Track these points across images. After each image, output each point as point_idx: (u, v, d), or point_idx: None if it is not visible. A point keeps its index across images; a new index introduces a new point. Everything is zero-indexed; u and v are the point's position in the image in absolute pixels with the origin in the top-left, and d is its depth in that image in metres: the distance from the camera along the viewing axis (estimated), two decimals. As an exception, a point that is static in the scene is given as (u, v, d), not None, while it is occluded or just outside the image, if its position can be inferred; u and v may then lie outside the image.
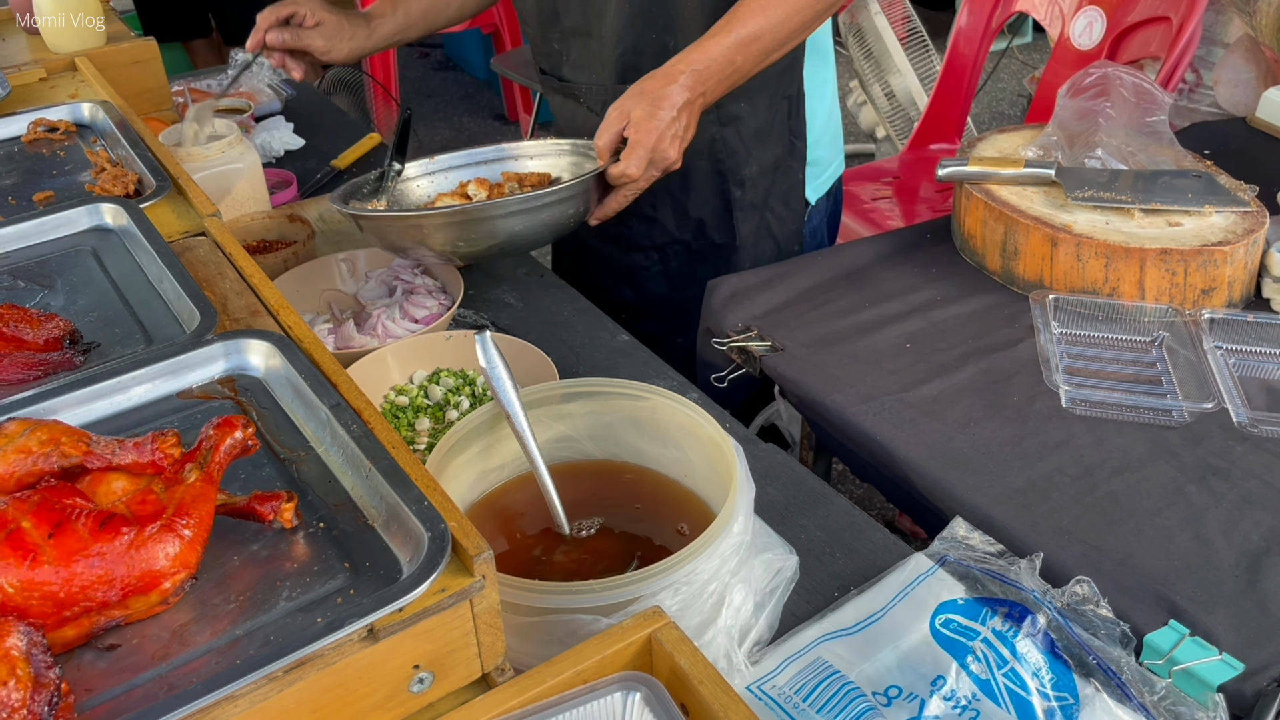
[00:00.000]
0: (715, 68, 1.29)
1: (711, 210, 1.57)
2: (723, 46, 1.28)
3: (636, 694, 0.67)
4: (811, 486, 1.12)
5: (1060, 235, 1.35)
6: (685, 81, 1.27)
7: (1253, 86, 2.21)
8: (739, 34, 1.28)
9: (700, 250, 1.60)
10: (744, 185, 1.55)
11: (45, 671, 0.58)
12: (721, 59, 1.29)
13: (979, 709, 0.84)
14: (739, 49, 1.29)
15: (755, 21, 1.29)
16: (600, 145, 1.29)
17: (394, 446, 0.76)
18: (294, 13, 1.53)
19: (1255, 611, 0.94)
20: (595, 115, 1.51)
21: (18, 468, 0.69)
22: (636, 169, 1.27)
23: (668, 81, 1.27)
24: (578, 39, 1.50)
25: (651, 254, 1.63)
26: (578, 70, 1.53)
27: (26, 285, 1.01)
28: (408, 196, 1.49)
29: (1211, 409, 1.16)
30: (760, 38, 1.30)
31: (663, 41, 1.45)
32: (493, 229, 1.24)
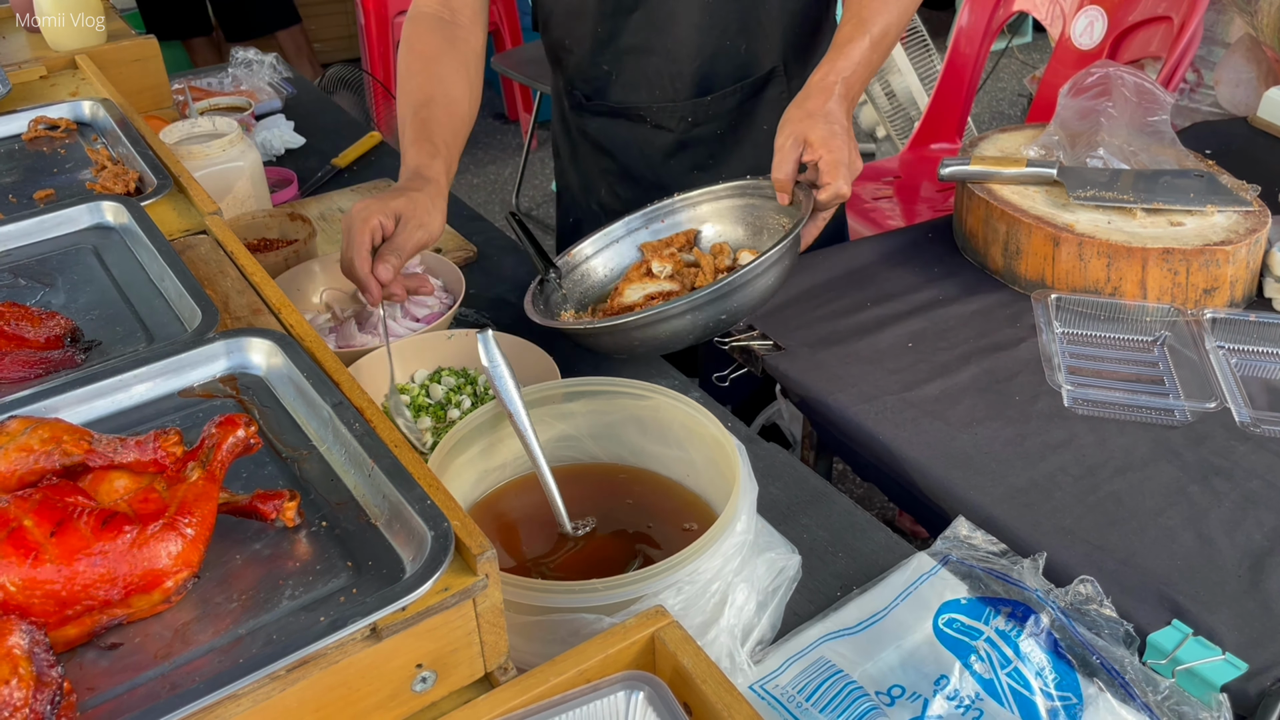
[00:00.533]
0: (860, 71, 1.28)
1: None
2: (861, 49, 1.28)
3: (640, 693, 0.67)
4: (814, 486, 1.12)
5: (1062, 235, 1.35)
6: (841, 91, 1.26)
7: (1254, 86, 2.21)
8: (872, 33, 1.28)
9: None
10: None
11: (48, 670, 0.58)
12: (862, 61, 1.28)
13: (982, 709, 0.84)
14: (873, 48, 1.29)
15: (881, 18, 1.29)
16: (782, 177, 1.26)
17: (396, 445, 0.76)
18: (369, 235, 1.19)
19: (1258, 611, 0.94)
20: (666, 132, 1.50)
21: (19, 466, 0.69)
22: (847, 186, 1.24)
23: (827, 96, 1.25)
24: (635, 57, 1.46)
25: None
26: (630, 90, 1.49)
27: (27, 283, 1.01)
28: (588, 280, 1.38)
29: (1214, 409, 1.16)
30: (889, 32, 1.30)
31: (737, 47, 1.43)
32: (725, 306, 1.16)
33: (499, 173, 4.09)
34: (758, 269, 1.15)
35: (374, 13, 3.98)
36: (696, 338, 1.19)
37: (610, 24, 1.45)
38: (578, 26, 1.48)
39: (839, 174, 1.22)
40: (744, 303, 1.17)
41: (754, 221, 1.37)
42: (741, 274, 1.14)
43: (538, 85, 3.64)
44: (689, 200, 1.39)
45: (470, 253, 1.56)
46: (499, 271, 1.54)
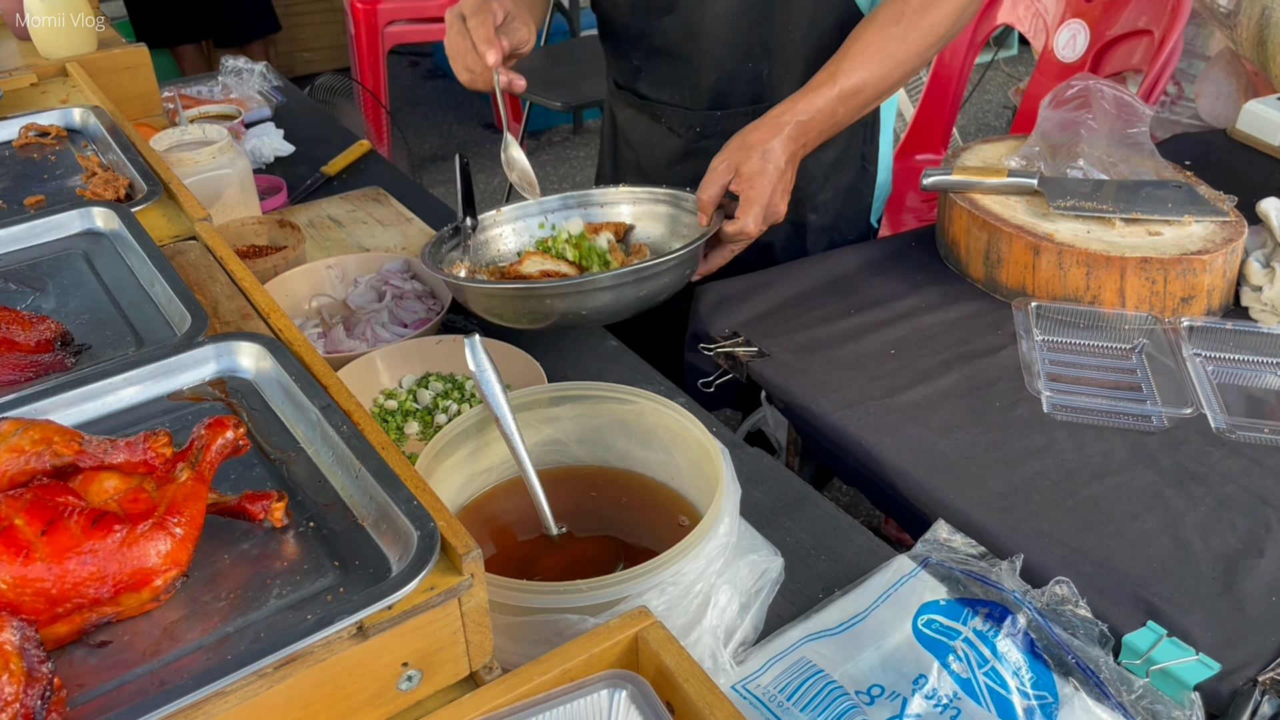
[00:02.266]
0: (819, 119, 1.27)
1: (784, 234, 1.56)
2: (827, 98, 1.26)
3: (623, 692, 0.68)
4: (797, 490, 1.13)
5: (1042, 244, 1.37)
6: (790, 133, 1.25)
7: (1233, 99, 2.24)
8: (843, 86, 1.27)
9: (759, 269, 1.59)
10: (819, 210, 1.55)
11: (38, 666, 0.59)
12: (825, 110, 1.27)
13: (960, 707, 0.86)
14: (842, 101, 1.27)
15: (859, 74, 1.27)
16: (705, 199, 1.26)
17: (384, 447, 0.77)
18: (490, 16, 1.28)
19: (1231, 612, 0.96)
20: (676, 136, 1.51)
21: (10, 467, 0.69)
22: (755, 227, 1.24)
23: (774, 133, 1.24)
24: (664, 59, 1.47)
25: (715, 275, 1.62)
26: (658, 89, 1.51)
27: (18, 288, 1.01)
28: (489, 250, 1.40)
29: (1190, 415, 1.18)
30: (862, 90, 1.28)
31: (758, 71, 1.44)
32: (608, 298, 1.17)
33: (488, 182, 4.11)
34: (628, 276, 1.16)
35: (364, 23, 3.99)
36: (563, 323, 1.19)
37: (642, 22, 1.47)
38: (616, 16, 1.50)
39: (749, 212, 1.23)
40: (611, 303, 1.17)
41: (679, 231, 1.38)
42: (612, 275, 1.16)
43: (526, 95, 3.65)
44: (621, 195, 1.41)
45: (458, 260, 1.56)
46: (487, 279, 1.55)
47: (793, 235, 1.57)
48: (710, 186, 1.25)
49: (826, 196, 1.55)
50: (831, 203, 1.56)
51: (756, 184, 1.23)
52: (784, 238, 1.57)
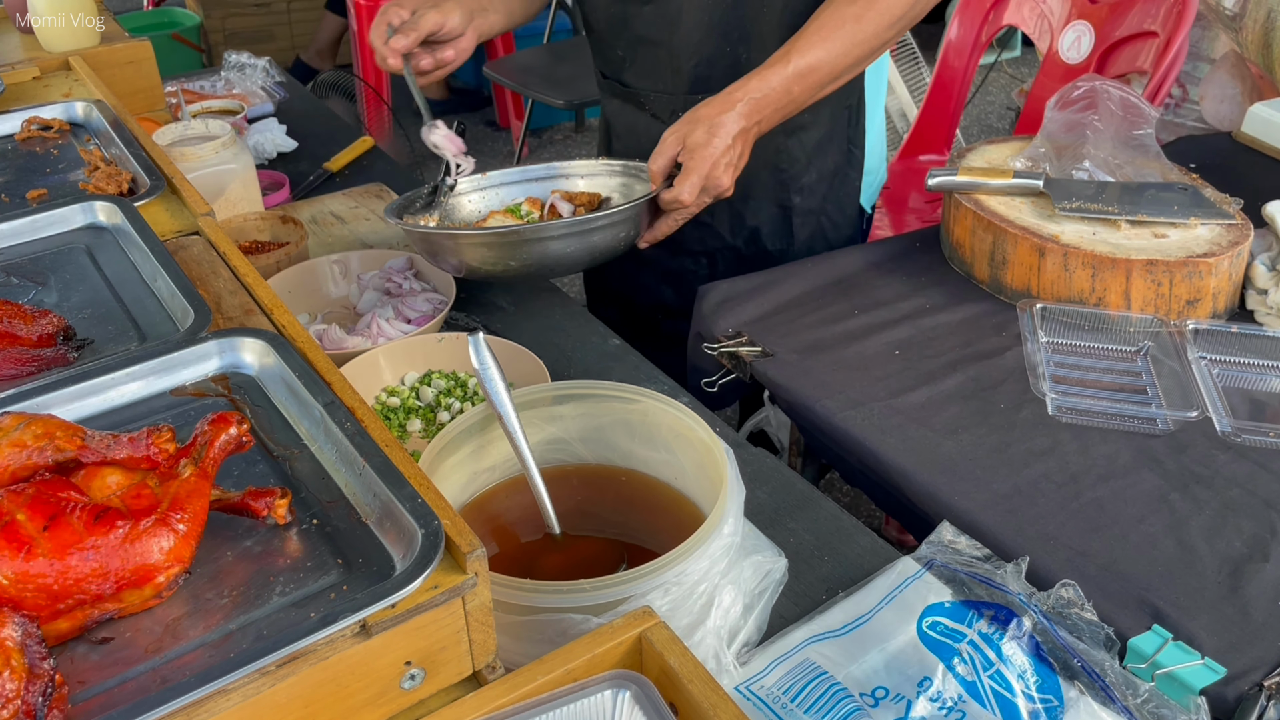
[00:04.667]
0: (773, 97, 1.29)
1: (769, 217, 1.57)
2: (781, 76, 1.28)
3: (626, 692, 0.68)
4: (800, 490, 1.13)
5: (1048, 245, 1.36)
6: (742, 109, 1.27)
7: (1238, 102, 2.23)
8: (797, 64, 1.29)
9: (751, 256, 1.61)
10: (803, 192, 1.56)
11: (40, 662, 0.58)
12: (779, 88, 1.29)
13: (965, 710, 0.85)
14: (797, 79, 1.29)
15: (814, 53, 1.29)
16: (654, 169, 1.29)
17: (387, 444, 0.76)
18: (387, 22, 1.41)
19: (1237, 617, 0.96)
20: (660, 123, 1.52)
21: (12, 461, 0.69)
22: (689, 196, 1.26)
23: (725, 109, 1.27)
24: (645, 47, 1.49)
25: (701, 259, 1.63)
26: (641, 77, 1.53)
27: (20, 282, 1.01)
28: (459, 212, 1.48)
29: (1195, 418, 1.17)
30: (818, 69, 1.30)
31: (736, 55, 1.45)
32: (543, 250, 1.24)
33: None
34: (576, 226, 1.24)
35: (366, 19, 3.99)
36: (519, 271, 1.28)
37: (623, 10, 1.49)
38: (599, 6, 1.53)
39: (685, 182, 1.25)
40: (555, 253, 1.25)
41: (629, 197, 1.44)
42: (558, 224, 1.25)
43: (529, 93, 3.65)
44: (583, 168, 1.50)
45: (461, 257, 1.56)
46: (490, 276, 1.54)
47: (779, 217, 1.58)
48: (659, 157, 1.29)
49: (811, 179, 1.55)
50: (817, 186, 1.56)
51: (697, 156, 1.26)
52: (770, 220, 1.58)
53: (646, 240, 1.33)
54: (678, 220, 1.32)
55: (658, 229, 1.32)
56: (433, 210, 1.46)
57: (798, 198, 1.56)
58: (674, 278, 1.66)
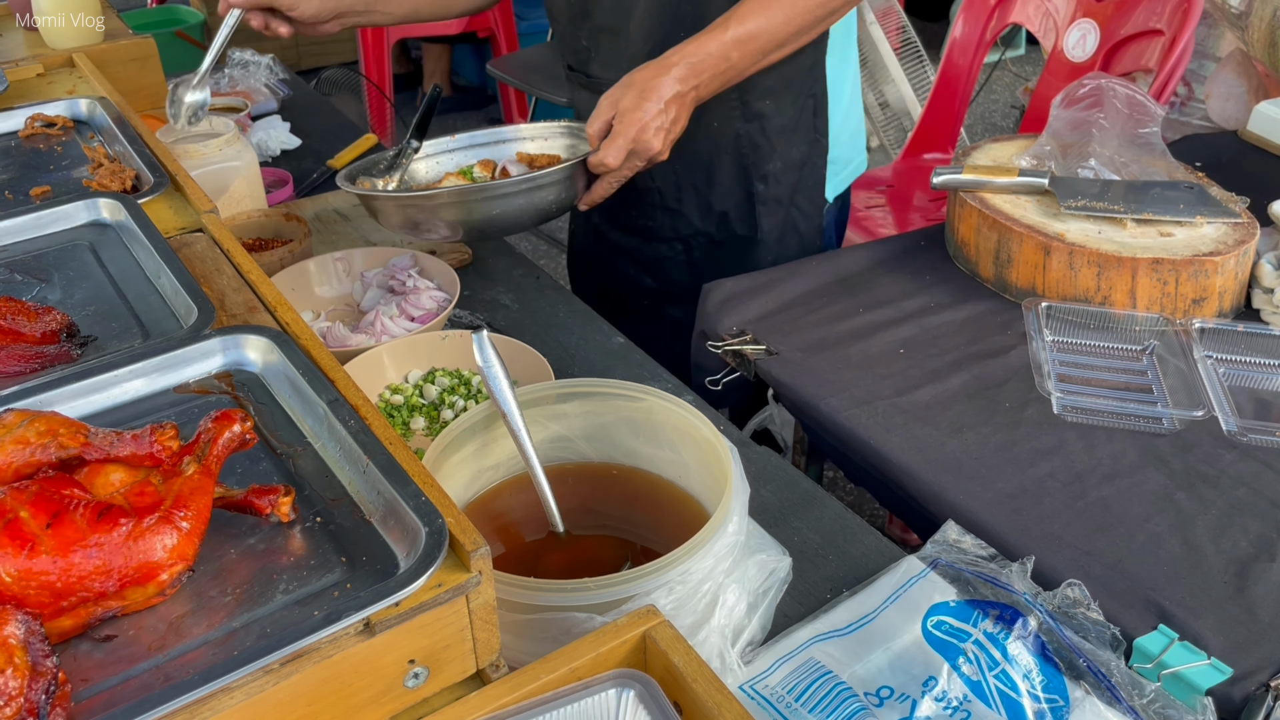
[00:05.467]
0: (710, 62, 1.29)
1: (735, 204, 1.58)
2: (719, 42, 1.29)
3: (631, 691, 0.67)
4: (805, 489, 1.13)
5: (1053, 244, 1.36)
6: (678, 74, 1.28)
7: (1244, 100, 2.22)
8: (736, 31, 1.29)
9: (723, 241, 1.61)
10: (767, 180, 1.56)
11: (43, 660, 0.58)
12: (717, 54, 1.29)
13: (970, 710, 0.85)
14: (735, 46, 1.30)
15: (754, 20, 1.30)
16: (591, 133, 1.30)
17: (391, 442, 0.76)
18: None
19: (1243, 617, 0.95)
20: None
21: (15, 458, 0.69)
22: (615, 159, 1.27)
23: (660, 73, 1.28)
24: (607, 36, 1.50)
25: (675, 245, 1.64)
26: (606, 67, 1.54)
27: (24, 279, 1.01)
28: (416, 177, 1.51)
29: (1201, 417, 1.17)
30: (757, 37, 1.30)
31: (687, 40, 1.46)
32: (476, 210, 1.28)
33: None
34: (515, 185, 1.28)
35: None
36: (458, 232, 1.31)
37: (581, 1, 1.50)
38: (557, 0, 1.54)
39: (612, 145, 1.27)
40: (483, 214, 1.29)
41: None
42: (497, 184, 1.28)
43: (533, 90, 3.64)
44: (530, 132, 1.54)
45: (465, 255, 1.56)
46: (493, 274, 1.54)
47: (744, 203, 1.57)
48: (595, 120, 1.30)
49: (776, 167, 1.55)
50: (783, 174, 1.56)
51: (626, 119, 1.27)
52: (736, 206, 1.58)
53: (585, 203, 1.34)
54: (612, 184, 1.32)
55: (594, 192, 1.33)
56: (393, 173, 1.49)
57: (762, 185, 1.56)
58: (651, 264, 1.67)
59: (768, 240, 1.59)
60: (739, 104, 1.49)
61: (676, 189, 1.57)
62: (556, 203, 1.32)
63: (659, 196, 1.59)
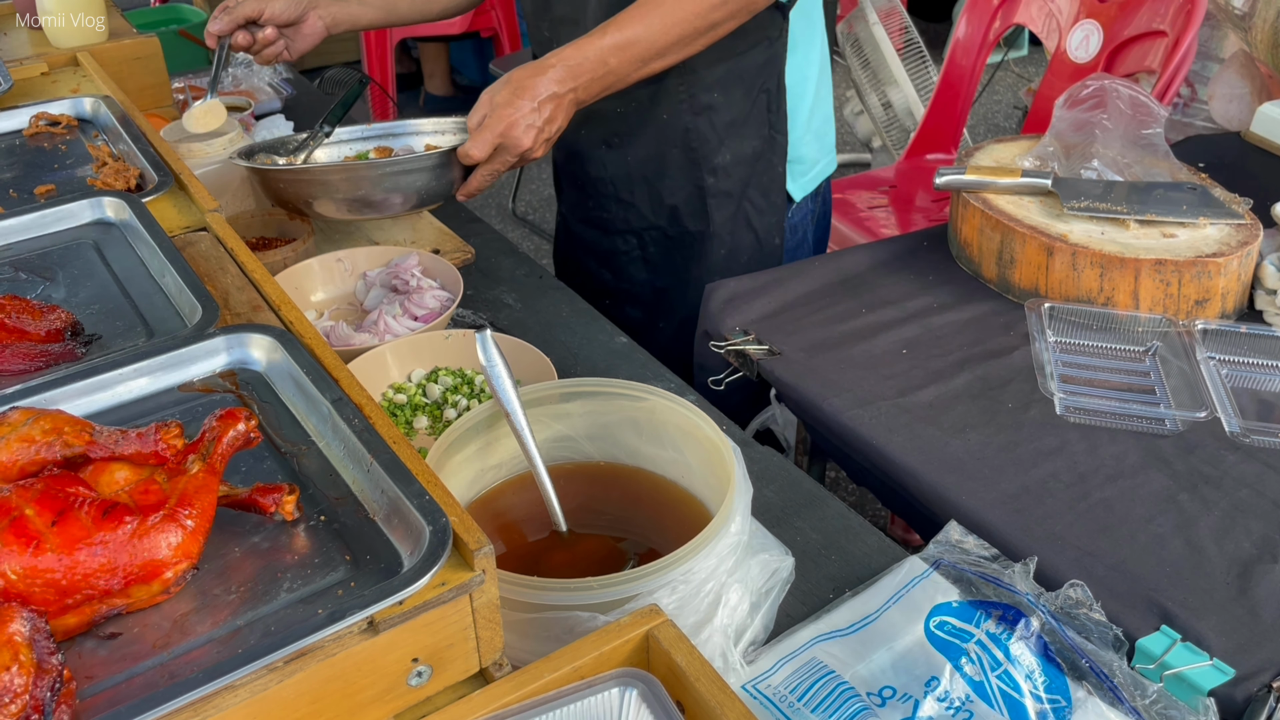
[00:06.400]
0: (587, 66, 1.32)
1: (685, 197, 1.58)
2: (597, 47, 1.32)
3: (634, 690, 0.68)
4: (807, 489, 1.13)
5: (1056, 244, 1.36)
6: (555, 75, 1.31)
7: (1247, 101, 2.22)
8: (615, 38, 1.32)
9: (676, 237, 1.61)
10: (716, 173, 1.56)
11: (48, 657, 0.58)
12: (594, 58, 1.32)
13: (972, 710, 0.85)
14: (613, 51, 1.32)
15: (633, 28, 1.32)
16: (470, 125, 1.34)
17: (395, 441, 0.76)
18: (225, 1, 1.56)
19: (1246, 618, 0.95)
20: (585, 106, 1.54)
21: (20, 456, 0.69)
22: (480, 151, 1.31)
23: (537, 73, 1.31)
24: (566, 27, 1.52)
25: (630, 238, 1.65)
26: None
27: (28, 277, 1.01)
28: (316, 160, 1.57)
29: (1204, 418, 1.17)
30: (636, 43, 1.32)
31: None
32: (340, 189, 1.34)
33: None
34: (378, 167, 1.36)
35: (373, 16, 3.97)
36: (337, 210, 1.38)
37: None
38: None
39: (480, 138, 1.31)
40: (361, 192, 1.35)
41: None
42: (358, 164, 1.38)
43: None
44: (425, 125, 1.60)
45: (468, 254, 1.56)
46: (496, 273, 1.55)
47: (694, 196, 1.58)
48: (474, 114, 1.34)
49: (725, 160, 1.56)
50: (732, 168, 1.56)
51: (497, 115, 1.30)
52: (686, 200, 1.58)
53: (461, 194, 1.38)
54: (484, 176, 1.35)
55: (469, 184, 1.37)
56: (298, 154, 1.55)
57: (711, 178, 1.56)
58: (608, 259, 1.68)
59: (720, 234, 1.59)
60: (686, 96, 1.50)
61: (628, 180, 1.59)
62: (426, 189, 1.35)
63: (612, 188, 1.61)
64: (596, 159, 1.59)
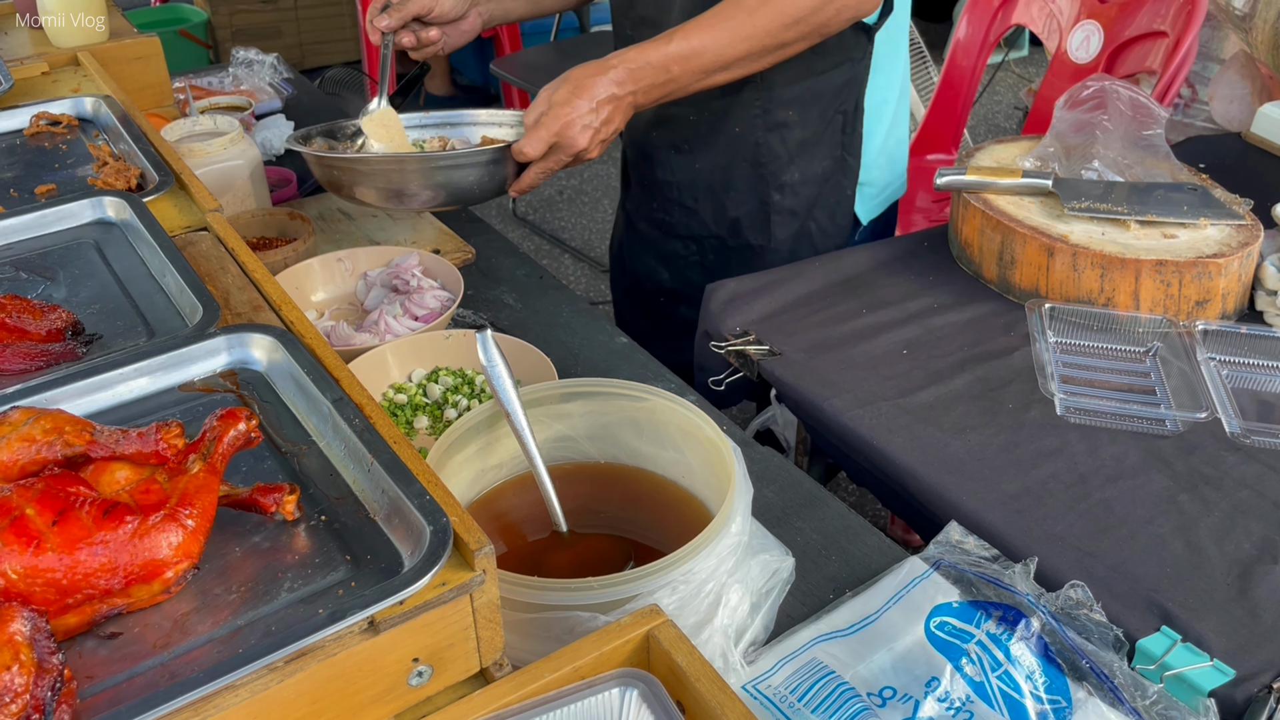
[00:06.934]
0: (649, 71, 1.30)
1: (748, 211, 1.58)
2: (661, 53, 1.30)
3: (634, 690, 0.68)
4: (808, 490, 1.13)
5: (1056, 245, 1.36)
6: (615, 76, 1.29)
7: (1248, 102, 2.22)
8: (680, 46, 1.31)
9: (736, 248, 1.61)
10: (783, 190, 1.56)
11: (49, 657, 0.58)
12: (657, 64, 1.30)
13: (972, 711, 0.85)
14: (677, 60, 1.31)
15: (700, 38, 1.30)
16: (527, 123, 1.32)
17: (396, 441, 0.76)
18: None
19: (1246, 619, 0.95)
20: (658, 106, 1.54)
21: (21, 456, 0.69)
22: (534, 149, 1.29)
23: (598, 73, 1.29)
24: (647, 28, 1.51)
25: (690, 244, 1.65)
26: None
27: (29, 277, 1.01)
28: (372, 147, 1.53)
29: (1204, 419, 1.17)
30: (701, 54, 1.31)
31: None
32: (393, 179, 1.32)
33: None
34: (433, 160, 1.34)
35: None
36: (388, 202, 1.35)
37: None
38: None
39: (535, 136, 1.29)
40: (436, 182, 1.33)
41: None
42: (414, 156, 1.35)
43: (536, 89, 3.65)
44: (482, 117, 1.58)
45: (468, 254, 1.56)
46: (497, 273, 1.55)
47: (758, 211, 1.58)
48: (531, 111, 1.33)
49: (793, 179, 1.55)
50: (800, 187, 1.56)
51: (553, 113, 1.28)
52: (749, 214, 1.58)
53: (514, 190, 1.36)
54: (538, 174, 1.34)
55: (522, 180, 1.35)
56: (354, 140, 1.52)
57: (778, 195, 1.56)
58: (668, 260, 1.68)
59: (780, 250, 1.59)
60: (761, 111, 1.49)
61: (693, 187, 1.58)
62: (479, 184, 1.34)
63: (677, 192, 1.59)
64: (665, 162, 1.58)
